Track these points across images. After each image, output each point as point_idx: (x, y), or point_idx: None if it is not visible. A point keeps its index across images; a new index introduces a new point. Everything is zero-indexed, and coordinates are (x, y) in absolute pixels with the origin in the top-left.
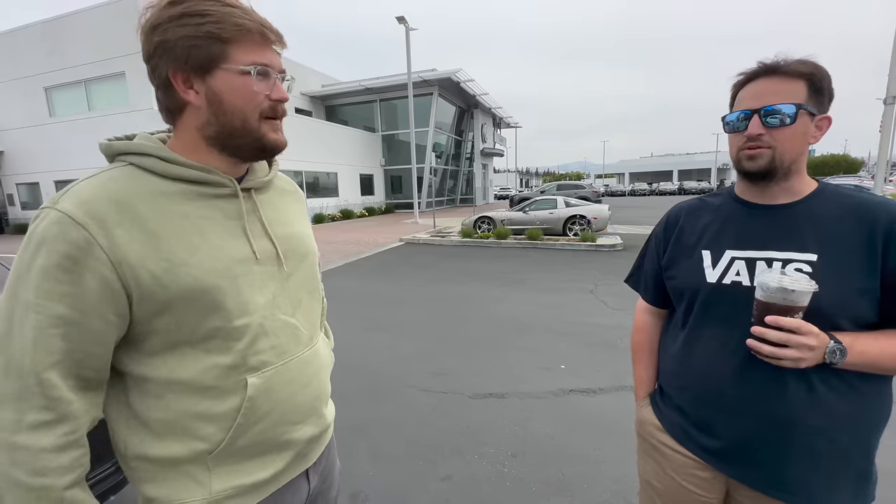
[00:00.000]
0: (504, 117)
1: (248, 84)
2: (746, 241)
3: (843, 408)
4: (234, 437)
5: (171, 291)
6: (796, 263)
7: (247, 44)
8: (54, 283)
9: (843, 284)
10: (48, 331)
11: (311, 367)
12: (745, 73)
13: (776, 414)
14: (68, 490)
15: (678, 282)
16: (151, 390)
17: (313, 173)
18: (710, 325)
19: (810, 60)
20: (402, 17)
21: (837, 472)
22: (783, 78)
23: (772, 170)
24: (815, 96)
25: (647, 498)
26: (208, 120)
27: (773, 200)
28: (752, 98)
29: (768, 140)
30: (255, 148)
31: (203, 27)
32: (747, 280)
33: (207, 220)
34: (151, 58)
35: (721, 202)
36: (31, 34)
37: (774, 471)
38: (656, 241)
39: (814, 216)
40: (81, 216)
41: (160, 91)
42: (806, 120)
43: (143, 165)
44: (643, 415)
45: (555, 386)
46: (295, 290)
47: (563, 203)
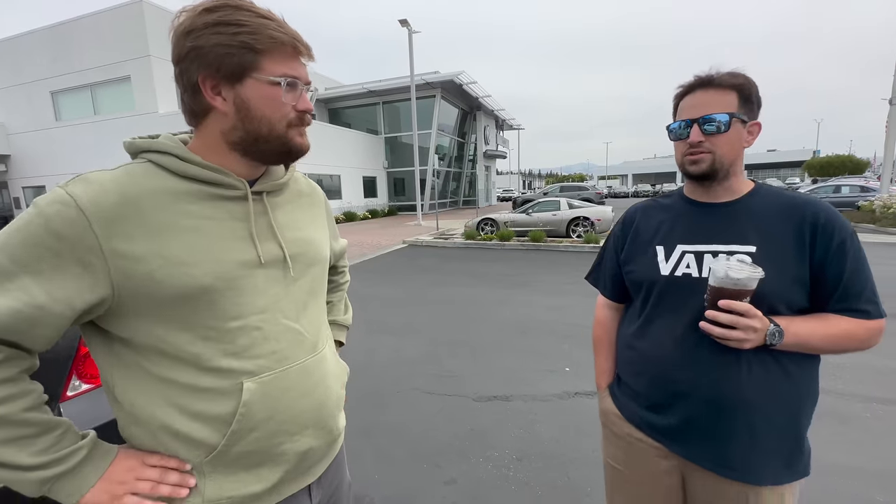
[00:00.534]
0: (506, 119)
1: (276, 94)
2: (695, 236)
3: (778, 389)
4: (230, 443)
5: (166, 289)
6: (738, 255)
7: (279, 55)
8: (35, 258)
9: (779, 273)
10: (9, 303)
11: (314, 375)
12: (683, 86)
13: (720, 395)
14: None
15: (636, 275)
16: (149, 387)
17: (316, 175)
18: (664, 313)
19: (740, 73)
20: (405, 20)
21: (773, 447)
22: (717, 90)
23: (713, 172)
24: (745, 105)
25: (615, 481)
26: (234, 126)
27: (717, 199)
28: (691, 108)
29: (708, 146)
30: (281, 152)
31: (238, 37)
32: (696, 272)
33: (212, 221)
34: (182, 61)
35: (672, 202)
36: (37, 39)
37: (718, 448)
38: (614, 240)
39: (752, 213)
40: (86, 202)
41: (187, 94)
42: (738, 126)
43: (160, 163)
44: (605, 405)
45: (560, 389)
46: (301, 295)
47: (566, 205)
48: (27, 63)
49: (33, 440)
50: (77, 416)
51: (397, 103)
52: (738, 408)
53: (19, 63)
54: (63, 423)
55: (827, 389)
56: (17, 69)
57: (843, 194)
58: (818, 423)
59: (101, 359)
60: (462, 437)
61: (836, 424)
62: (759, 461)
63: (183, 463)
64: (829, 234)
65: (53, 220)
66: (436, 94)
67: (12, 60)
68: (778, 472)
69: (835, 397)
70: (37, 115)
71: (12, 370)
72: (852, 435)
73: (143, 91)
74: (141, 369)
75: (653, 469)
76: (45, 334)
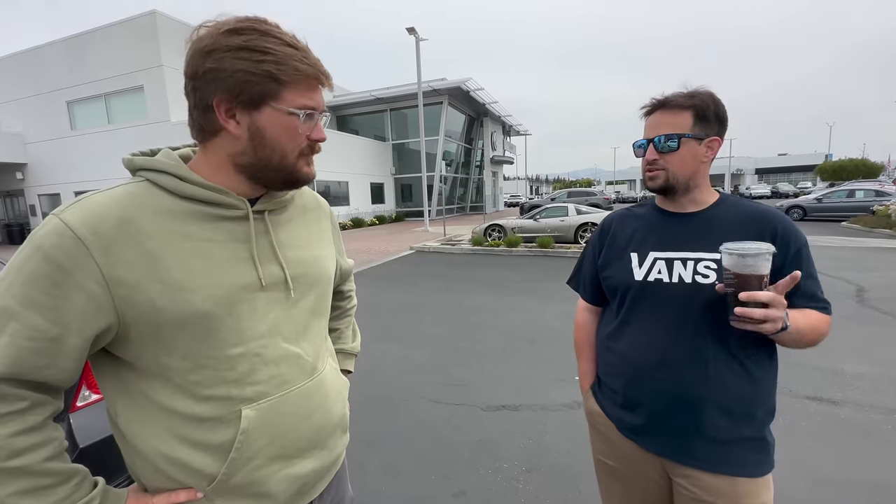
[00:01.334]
0: (513, 125)
1: (293, 125)
2: (665, 244)
3: (740, 387)
4: (230, 471)
5: (165, 315)
6: (705, 262)
7: (300, 87)
8: (40, 293)
9: None
10: (22, 342)
11: (314, 398)
12: (643, 108)
13: (689, 393)
14: (48, 462)
15: (612, 280)
16: (152, 417)
17: (324, 182)
18: (638, 316)
19: (699, 92)
20: (413, 28)
21: (740, 440)
22: (671, 111)
23: (668, 187)
24: (700, 123)
25: (607, 477)
26: (244, 150)
27: (684, 209)
28: (649, 129)
29: (662, 163)
30: (287, 181)
31: (262, 65)
32: (667, 277)
33: (211, 243)
34: (198, 78)
35: (645, 211)
36: (55, 50)
37: (689, 442)
38: (592, 247)
39: (717, 222)
40: (82, 230)
41: (197, 111)
42: (692, 144)
43: (158, 182)
44: (589, 405)
45: (569, 398)
46: (301, 316)
47: (574, 210)
48: (46, 74)
49: (52, 490)
50: (86, 426)
51: (405, 110)
52: (706, 404)
53: (39, 74)
54: (80, 470)
55: (845, 401)
56: (36, 80)
57: (858, 199)
58: (835, 435)
59: (108, 387)
60: (470, 447)
61: (856, 437)
62: (728, 453)
63: (194, 491)
64: (787, 243)
65: (51, 252)
66: (443, 101)
67: (33, 72)
68: (748, 464)
69: (853, 408)
70: (53, 124)
71: (37, 417)
72: (872, 449)
73: (156, 100)
74: (144, 398)
75: (639, 465)
76: (65, 367)
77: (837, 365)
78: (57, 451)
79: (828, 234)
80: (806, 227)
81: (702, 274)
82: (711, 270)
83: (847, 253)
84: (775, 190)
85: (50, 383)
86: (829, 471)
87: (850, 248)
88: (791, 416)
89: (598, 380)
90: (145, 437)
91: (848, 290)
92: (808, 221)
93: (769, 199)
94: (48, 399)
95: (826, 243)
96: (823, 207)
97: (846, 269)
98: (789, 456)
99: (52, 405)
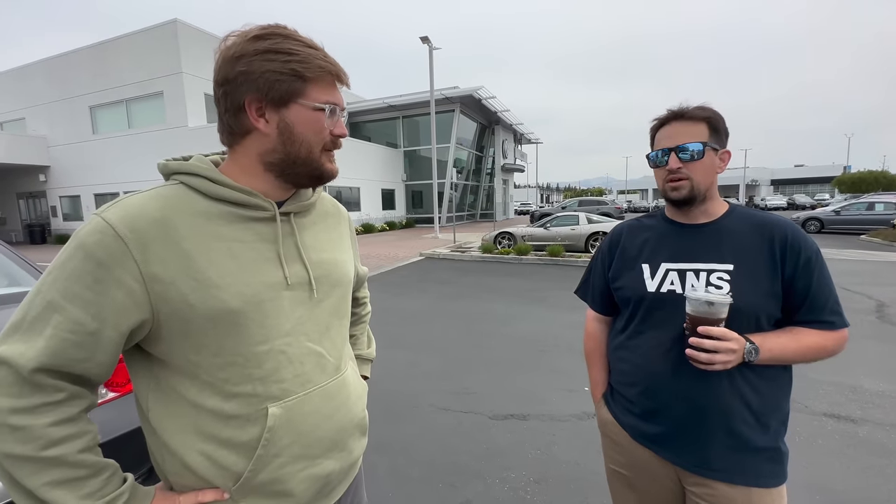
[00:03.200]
0: (525, 133)
1: (319, 119)
2: (677, 255)
3: (754, 398)
4: (255, 469)
5: (198, 312)
6: (718, 273)
7: (324, 84)
8: (83, 288)
9: (756, 288)
10: (65, 335)
11: (336, 398)
12: (659, 119)
13: (703, 403)
14: (83, 454)
15: (624, 292)
16: (182, 412)
17: (336, 187)
18: (651, 327)
19: (707, 106)
20: (426, 37)
21: (750, 451)
22: (689, 122)
23: (692, 197)
24: (714, 135)
25: (620, 485)
26: (274, 148)
27: (695, 220)
28: (668, 139)
29: (686, 172)
30: (313, 176)
31: (289, 64)
32: (679, 289)
33: (241, 243)
34: (228, 83)
35: (655, 223)
36: (81, 57)
37: (704, 452)
38: (602, 257)
39: (727, 233)
40: (123, 228)
41: (228, 114)
42: (711, 154)
43: (192, 185)
44: (602, 414)
45: (578, 409)
46: (324, 316)
47: (584, 219)
48: (72, 79)
49: (84, 482)
50: (104, 424)
51: (417, 117)
52: (720, 415)
53: (65, 79)
54: (110, 465)
55: (865, 419)
56: (63, 85)
57: (878, 212)
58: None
59: (140, 383)
60: (478, 456)
61: (877, 458)
62: (743, 463)
63: (221, 491)
64: (797, 252)
65: (94, 249)
66: (455, 109)
67: (60, 77)
68: (763, 474)
69: (873, 427)
70: (76, 128)
71: (73, 409)
72: (894, 469)
73: (175, 106)
74: (175, 394)
75: (653, 473)
76: (101, 360)
77: (856, 381)
78: (91, 444)
79: (847, 247)
80: (824, 240)
81: (715, 285)
82: (724, 281)
83: (867, 267)
84: (791, 201)
85: (86, 376)
86: (847, 491)
87: (869, 262)
88: (807, 433)
89: (611, 388)
90: (174, 432)
91: (868, 306)
92: (826, 234)
93: (785, 211)
94: (84, 392)
95: (845, 257)
96: (842, 220)
97: (866, 283)
98: (805, 474)
99: (88, 398)
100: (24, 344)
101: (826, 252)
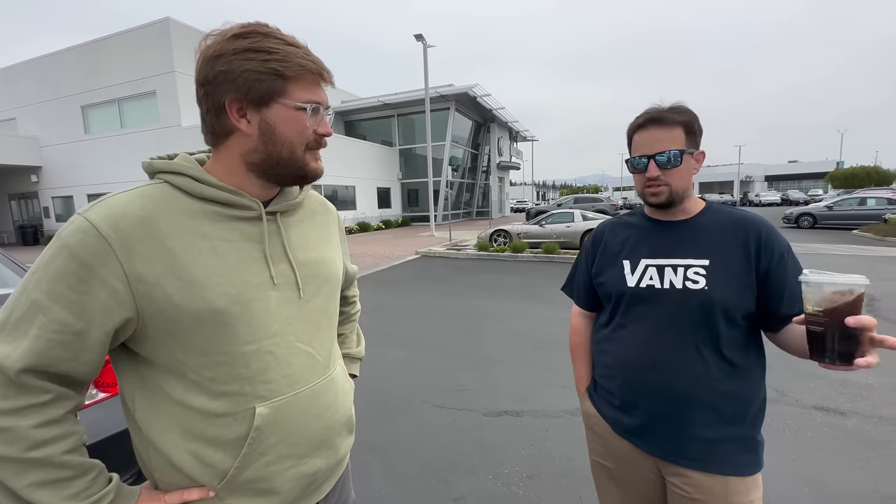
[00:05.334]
0: (520, 131)
1: (301, 119)
2: (656, 251)
3: (730, 388)
4: (241, 467)
5: (183, 311)
6: (694, 268)
7: (305, 82)
8: (66, 288)
9: (731, 281)
10: (49, 335)
11: (324, 398)
12: (636, 122)
13: (682, 394)
14: (67, 455)
15: (606, 287)
16: (168, 411)
17: (332, 186)
18: (631, 321)
19: (683, 107)
20: (421, 35)
21: (730, 440)
22: (666, 126)
23: (671, 201)
24: (689, 137)
25: (603, 477)
26: (255, 148)
27: (673, 218)
28: (646, 145)
29: (664, 179)
30: (297, 176)
31: (268, 63)
32: (658, 283)
33: (226, 243)
34: (208, 83)
35: (636, 220)
36: (72, 56)
37: (682, 442)
38: (586, 254)
39: (704, 230)
40: (106, 228)
41: (210, 114)
42: (688, 158)
43: (177, 184)
44: (586, 408)
45: (572, 405)
46: (312, 316)
47: (580, 216)
48: (63, 79)
49: (68, 483)
50: (96, 423)
51: (412, 115)
52: (697, 405)
53: (56, 79)
54: (96, 465)
55: (854, 412)
56: (54, 85)
57: (870, 207)
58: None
59: (126, 382)
60: (471, 452)
61: (865, 449)
62: (719, 453)
63: (206, 489)
64: (771, 249)
65: (77, 249)
66: (450, 107)
67: (51, 77)
68: (738, 463)
69: (861, 420)
70: (68, 128)
71: (59, 410)
72: (882, 461)
73: (168, 105)
74: (161, 392)
75: (634, 465)
76: (87, 360)
77: (846, 375)
78: (76, 445)
79: (839, 242)
80: (817, 235)
81: (691, 280)
82: (700, 276)
83: (858, 262)
84: (785, 197)
85: (73, 376)
86: (835, 483)
87: (861, 257)
88: (797, 426)
89: (594, 382)
90: (160, 430)
91: None
92: (819, 229)
93: (779, 207)
94: (71, 393)
95: (837, 252)
96: (834, 215)
97: None
98: (794, 466)
99: (75, 399)
100: (8, 345)
101: (818, 247)
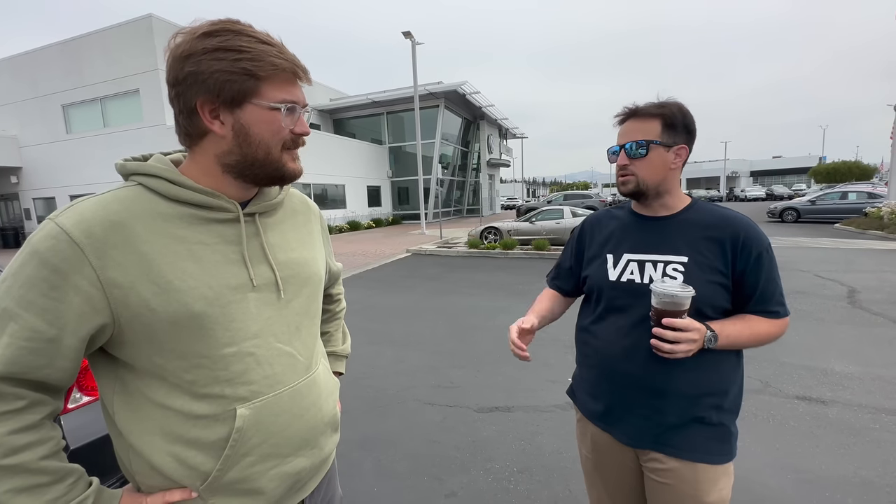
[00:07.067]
0: (510, 128)
1: (276, 119)
2: (638, 246)
3: (704, 378)
4: (224, 468)
5: (160, 316)
6: (673, 264)
7: (279, 81)
8: (38, 295)
9: (707, 279)
10: (22, 343)
11: (307, 398)
12: (618, 116)
13: (655, 386)
14: (45, 460)
15: (590, 280)
16: (148, 414)
17: (321, 185)
18: (611, 313)
19: (668, 103)
20: (409, 32)
21: (700, 429)
22: (642, 119)
23: (638, 192)
24: (668, 131)
25: (589, 467)
26: (230, 150)
27: (656, 213)
28: (621, 136)
29: (632, 169)
30: (274, 177)
31: (239, 63)
32: (638, 278)
33: (203, 245)
34: (179, 84)
35: (622, 214)
36: (51, 54)
37: (656, 429)
38: (571, 246)
39: (686, 226)
40: (77, 234)
41: (182, 116)
42: (661, 151)
43: (151, 186)
44: (575, 402)
45: (562, 400)
46: (293, 317)
47: (569, 213)
48: (42, 77)
49: (46, 489)
50: (78, 428)
51: (401, 113)
52: (670, 394)
53: (35, 77)
54: (75, 470)
55: (834, 401)
56: (32, 83)
57: (851, 201)
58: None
59: (105, 386)
60: (463, 448)
61: (845, 437)
62: (694, 441)
63: (189, 490)
64: (749, 249)
65: (48, 255)
66: (439, 104)
67: (29, 75)
68: (710, 451)
69: (842, 408)
70: (49, 127)
71: (35, 416)
72: (861, 448)
73: (152, 103)
74: (141, 396)
75: (614, 456)
76: (62, 366)
77: (827, 365)
78: (54, 450)
79: (821, 235)
80: (800, 229)
81: (670, 276)
82: (678, 272)
83: (839, 254)
84: (770, 192)
85: (48, 382)
86: (817, 470)
87: (842, 250)
88: (780, 416)
89: (577, 374)
90: (141, 433)
91: (840, 292)
92: (802, 223)
93: (764, 202)
94: (47, 399)
95: (819, 245)
96: (817, 209)
97: (838, 270)
98: (777, 455)
99: (51, 405)
100: None
101: (801, 241)
